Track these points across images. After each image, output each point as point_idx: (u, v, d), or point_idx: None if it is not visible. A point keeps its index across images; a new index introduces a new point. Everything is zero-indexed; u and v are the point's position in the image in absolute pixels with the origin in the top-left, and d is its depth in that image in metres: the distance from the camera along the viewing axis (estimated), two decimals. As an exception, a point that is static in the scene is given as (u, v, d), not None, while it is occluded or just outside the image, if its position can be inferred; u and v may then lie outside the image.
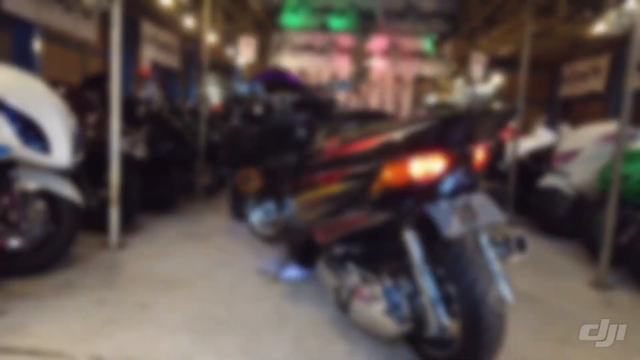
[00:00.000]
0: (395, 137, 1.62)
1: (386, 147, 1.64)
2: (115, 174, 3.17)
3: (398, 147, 1.63)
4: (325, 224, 1.95)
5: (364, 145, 1.70)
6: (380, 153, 1.67)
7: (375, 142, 1.66)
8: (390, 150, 1.65)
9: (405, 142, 1.61)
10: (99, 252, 3.05)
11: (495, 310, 1.61)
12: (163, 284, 2.57)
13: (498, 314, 1.62)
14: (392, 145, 1.63)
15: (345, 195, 1.79)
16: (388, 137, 1.63)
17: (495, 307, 1.62)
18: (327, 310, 2.35)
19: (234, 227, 4.01)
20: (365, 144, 1.69)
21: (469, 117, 1.55)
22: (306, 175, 2.08)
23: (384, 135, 1.65)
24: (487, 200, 1.69)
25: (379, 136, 1.66)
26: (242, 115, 2.96)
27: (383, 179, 1.67)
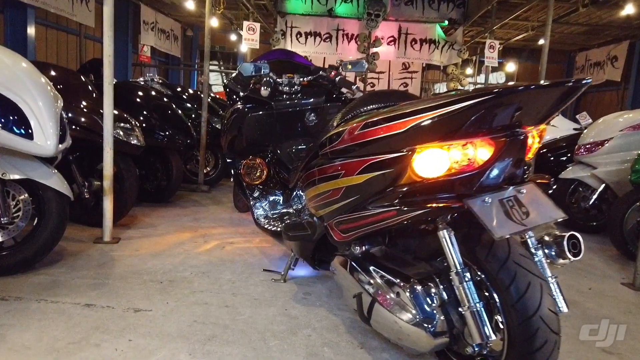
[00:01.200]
0: (430, 118, 1.35)
1: (419, 130, 1.37)
2: (108, 164, 2.91)
3: (434, 129, 1.36)
4: (343, 220, 1.69)
5: (391, 129, 1.43)
6: (411, 137, 1.40)
7: (406, 125, 1.40)
8: (424, 134, 1.38)
9: (443, 123, 1.34)
10: (90, 248, 2.80)
11: (550, 323, 1.35)
12: (158, 284, 2.32)
13: (553, 328, 1.36)
14: (426, 127, 1.36)
15: (368, 187, 1.52)
16: (421, 118, 1.37)
17: (550, 320, 1.36)
18: (342, 315, 2.10)
19: (238, 220, 3.75)
20: (393, 127, 1.42)
21: (524, 91, 1.28)
22: (320, 165, 1.81)
23: (417, 116, 1.38)
24: (540, 194, 1.42)
25: (410, 117, 1.39)
26: (247, 98, 2.68)
27: (415, 168, 1.40)
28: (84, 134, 3.15)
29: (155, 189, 4.16)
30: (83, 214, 3.28)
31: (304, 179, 2.02)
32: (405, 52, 8.81)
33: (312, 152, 2.01)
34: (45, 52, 7.12)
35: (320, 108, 2.78)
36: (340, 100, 2.86)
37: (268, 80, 2.49)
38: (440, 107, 1.34)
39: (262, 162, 2.80)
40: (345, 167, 1.61)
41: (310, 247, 2.11)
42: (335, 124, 1.82)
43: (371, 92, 2.02)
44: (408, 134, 1.39)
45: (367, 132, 1.49)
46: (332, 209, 1.74)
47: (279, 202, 2.79)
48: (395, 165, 1.43)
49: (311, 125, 2.82)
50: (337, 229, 1.74)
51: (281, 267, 2.66)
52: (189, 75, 12.96)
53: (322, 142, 1.81)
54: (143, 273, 2.46)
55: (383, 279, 1.62)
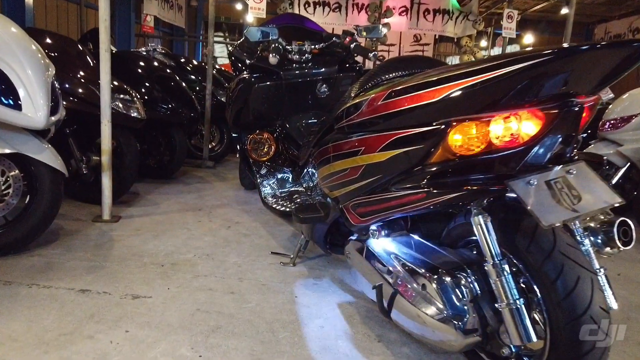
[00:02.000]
0: (469, 86, 1.15)
1: (456, 99, 1.18)
2: (106, 137, 2.73)
3: (473, 99, 1.16)
4: (362, 202, 1.50)
5: (422, 99, 1.23)
6: (446, 108, 1.20)
7: (440, 93, 1.20)
8: (461, 105, 1.18)
9: (485, 91, 1.14)
10: (88, 227, 2.65)
11: (600, 323, 1.18)
12: (159, 267, 2.17)
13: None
14: (464, 96, 1.17)
15: (393, 166, 1.33)
16: (459, 85, 1.17)
17: (600, 320, 1.18)
18: (356, 304, 1.94)
19: (244, 198, 3.59)
20: (424, 96, 1.23)
21: (588, 52, 1.07)
22: (335, 140, 1.62)
23: (453, 83, 1.18)
24: (592, 175, 1.23)
25: (444, 85, 1.19)
26: (254, 67, 2.48)
27: (449, 144, 1.21)
28: (81, 106, 2.97)
29: (158, 165, 3.99)
30: (82, 191, 3.12)
31: (316, 156, 1.83)
32: (417, 23, 8.45)
33: (325, 126, 1.82)
34: (44, 21, 6.87)
35: (333, 78, 2.58)
36: (355, 70, 2.65)
37: (277, 46, 2.27)
38: (482, 72, 1.13)
39: (269, 137, 2.61)
40: (366, 142, 1.41)
41: (323, 231, 1.94)
42: (353, 95, 1.62)
43: (393, 58, 1.80)
44: (442, 105, 1.19)
45: (391, 103, 1.29)
46: (348, 190, 1.56)
47: (288, 180, 2.62)
48: (426, 140, 1.23)
49: (323, 97, 2.62)
50: (354, 212, 1.56)
51: (290, 249, 2.50)
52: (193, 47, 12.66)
53: (338, 115, 1.61)
54: (143, 255, 2.30)
55: (406, 268, 1.45)
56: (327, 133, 1.77)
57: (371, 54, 2.33)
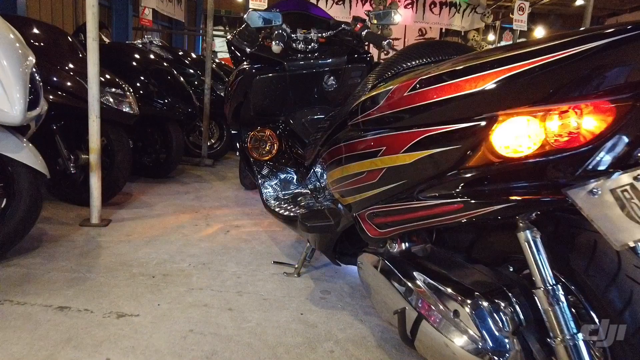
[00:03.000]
0: (521, 73, 0.93)
1: (503, 88, 0.95)
2: (94, 134, 2.52)
3: (525, 88, 0.94)
4: (381, 212, 1.29)
5: (459, 88, 1.01)
6: (490, 100, 0.98)
7: (483, 81, 0.97)
8: (509, 95, 0.96)
9: (540, 79, 0.92)
10: (75, 232, 2.43)
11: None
12: (150, 278, 1.95)
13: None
14: (514, 85, 0.94)
15: (421, 170, 1.11)
16: (508, 71, 0.94)
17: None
18: (369, 322, 1.72)
19: (244, 199, 3.37)
20: (462, 85, 1.00)
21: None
22: (349, 139, 1.40)
23: (500, 68, 0.95)
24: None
25: (489, 71, 0.97)
26: (254, 57, 2.25)
27: (492, 144, 0.99)
28: (69, 100, 2.75)
29: (154, 163, 3.77)
30: (70, 192, 2.91)
31: (325, 157, 1.61)
32: (423, 16, 8.21)
33: (336, 122, 1.60)
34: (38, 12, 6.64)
35: (342, 70, 2.35)
36: (365, 60, 2.42)
37: (280, 33, 2.05)
38: (536, 54, 0.91)
39: (272, 134, 2.39)
40: (387, 142, 1.19)
41: (332, 240, 1.72)
42: (370, 86, 1.40)
43: (415, 44, 1.58)
44: (484, 96, 0.97)
45: (420, 94, 1.07)
46: (365, 197, 1.34)
47: (292, 181, 2.40)
48: (463, 139, 1.01)
49: (330, 90, 2.40)
50: (372, 222, 1.34)
51: (294, 257, 2.29)
52: (193, 41, 12.42)
53: (352, 109, 1.38)
54: (133, 264, 2.09)
55: (433, 289, 1.23)
56: (339, 130, 1.55)
57: (385, 42, 2.10)
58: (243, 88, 2.29)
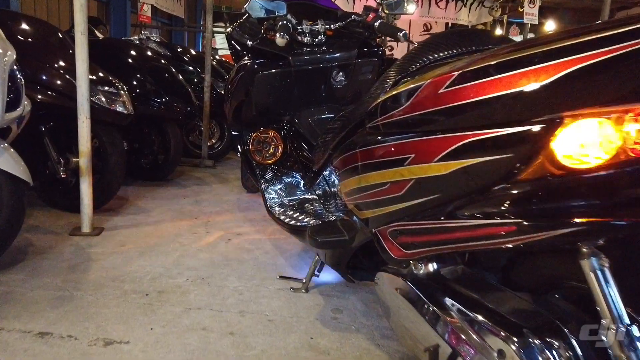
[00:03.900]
0: (594, 64, 0.73)
1: (569, 84, 0.76)
2: (84, 137, 2.33)
3: (599, 83, 0.75)
4: (408, 229, 1.10)
5: (511, 84, 0.81)
6: (552, 98, 0.78)
7: (543, 76, 0.78)
8: (577, 92, 0.77)
9: (619, 72, 0.73)
10: (63, 243, 2.25)
11: None
12: (143, 297, 1.77)
13: None
14: (584, 80, 0.75)
15: (460, 182, 0.92)
16: (576, 62, 0.75)
17: None
18: (388, 347, 1.53)
19: (247, 203, 3.18)
20: (515, 80, 0.81)
21: None
22: (367, 144, 1.20)
23: (565, 59, 0.76)
24: None
25: (551, 62, 0.77)
26: (257, 51, 2.06)
27: (554, 153, 0.79)
28: (59, 100, 2.58)
29: (151, 166, 3.58)
30: (60, 197, 2.73)
31: (339, 163, 1.42)
32: (429, 11, 8.01)
33: (349, 124, 1.40)
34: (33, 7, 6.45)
35: (351, 65, 2.16)
36: (377, 54, 2.22)
37: (285, 24, 1.85)
38: (616, 40, 0.72)
39: (276, 136, 2.20)
40: (416, 148, 1.00)
41: (345, 257, 1.53)
42: (391, 83, 1.21)
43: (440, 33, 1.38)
44: (547, 93, 0.77)
45: (462, 91, 0.88)
46: (387, 211, 1.15)
47: (299, 185, 2.21)
48: (516, 146, 0.82)
49: (339, 87, 2.20)
50: (395, 240, 1.15)
51: (301, 269, 2.10)
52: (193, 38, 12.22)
53: (371, 110, 1.19)
54: (125, 280, 1.90)
55: (468, 320, 1.04)
56: (353, 133, 1.36)
57: (400, 34, 1.91)
58: (244, 85, 2.10)
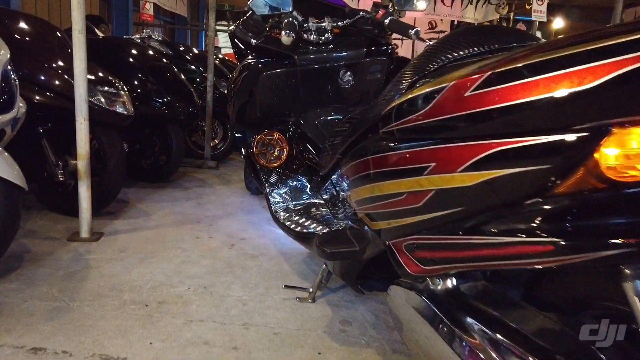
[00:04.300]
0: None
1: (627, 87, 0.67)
2: (83, 139, 2.25)
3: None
4: (427, 243, 1.01)
5: (551, 86, 0.72)
6: (599, 103, 0.69)
7: (591, 77, 0.68)
8: (628, 97, 0.68)
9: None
10: (61, 249, 2.17)
11: None
12: (142, 308, 1.69)
13: None
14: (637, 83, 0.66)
15: (488, 194, 0.83)
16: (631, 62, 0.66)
17: None
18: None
19: (250, 205, 3.10)
20: (557, 82, 0.71)
21: None
22: (381, 150, 1.11)
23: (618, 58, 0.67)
24: None
25: (600, 62, 0.68)
26: (261, 50, 1.97)
27: (598, 164, 0.70)
28: (57, 101, 2.50)
29: (152, 167, 3.51)
30: (59, 201, 2.65)
31: (349, 170, 1.33)
32: (434, 8, 7.88)
33: (360, 127, 1.32)
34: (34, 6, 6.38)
35: (360, 64, 2.07)
36: (386, 53, 2.14)
37: (291, 21, 1.77)
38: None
39: (281, 138, 2.11)
40: (438, 156, 0.91)
41: (355, 268, 1.45)
42: (406, 84, 1.12)
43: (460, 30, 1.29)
44: (593, 97, 0.69)
45: (492, 94, 0.79)
46: (403, 223, 1.06)
47: (305, 189, 2.12)
48: (555, 156, 0.73)
49: (346, 87, 2.12)
50: (412, 255, 1.06)
51: (307, 276, 2.02)
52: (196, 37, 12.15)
53: (385, 113, 1.10)
54: (124, 289, 1.82)
55: (493, 344, 0.95)
56: (364, 138, 1.27)
57: (412, 31, 1.82)
58: (248, 85, 2.02)
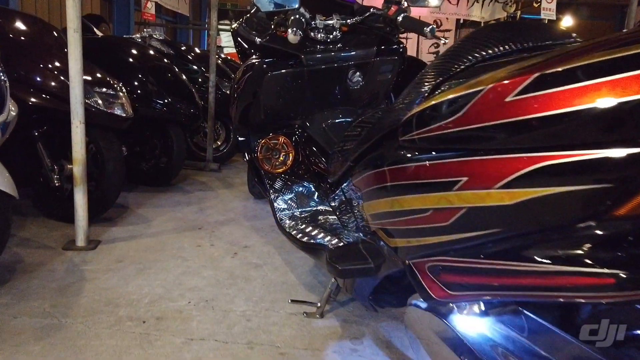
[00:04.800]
0: None
1: None
2: (78, 143, 2.15)
3: None
4: (454, 267, 0.90)
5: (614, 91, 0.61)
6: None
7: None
8: None
9: None
10: (56, 258, 2.07)
11: None
12: (139, 324, 1.58)
13: None
14: None
15: (532, 215, 0.72)
16: None
17: None
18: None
19: (254, 210, 2.99)
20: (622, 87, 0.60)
21: None
22: (400, 160, 1.00)
23: None
24: None
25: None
26: (265, 49, 1.87)
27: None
28: (53, 103, 2.39)
29: (153, 170, 3.40)
30: (55, 207, 2.55)
31: (364, 180, 1.21)
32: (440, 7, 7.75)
33: (375, 134, 1.20)
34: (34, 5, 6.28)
35: (370, 64, 1.96)
36: (397, 52, 2.03)
37: (298, 19, 1.65)
38: None
39: (286, 142, 2.00)
40: (471, 169, 0.80)
41: (369, 286, 1.33)
42: (428, 87, 1.01)
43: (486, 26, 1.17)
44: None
45: (540, 99, 0.67)
46: (427, 242, 0.95)
47: (311, 196, 2.01)
48: (617, 173, 0.62)
49: (355, 88, 2.01)
50: (437, 278, 0.95)
51: (314, 288, 1.92)
52: (198, 36, 12.04)
53: (406, 120, 0.99)
54: (120, 303, 1.72)
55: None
56: (380, 145, 1.16)
57: (427, 29, 1.71)
58: (252, 87, 1.91)
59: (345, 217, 1.79)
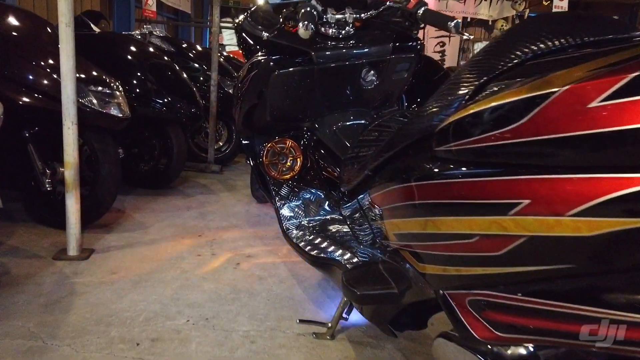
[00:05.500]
0: None
1: None
2: (71, 146, 2.00)
3: None
4: (507, 305, 0.75)
5: None
6: None
7: None
8: None
9: None
10: (45, 270, 1.92)
11: None
12: (133, 348, 1.44)
13: None
14: None
15: (616, 251, 0.57)
16: None
17: None
18: None
19: (257, 216, 2.84)
20: None
21: None
22: (435, 175, 0.85)
23: None
24: None
25: None
26: (273, 46, 1.71)
27: None
28: (45, 102, 2.24)
29: (152, 172, 3.25)
30: (47, 213, 2.41)
31: (386, 194, 1.06)
32: (447, 5, 7.61)
33: (399, 141, 1.05)
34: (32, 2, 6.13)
35: (385, 62, 1.81)
36: (413, 49, 1.87)
37: (310, 12, 1.50)
38: None
39: (294, 146, 1.86)
40: (536, 191, 0.65)
41: (390, 313, 1.18)
42: (467, 90, 0.86)
43: (534, 18, 1.01)
44: None
45: (637, 107, 0.53)
46: (470, 273, 0.80)
47: (322, 204, 1.86)
48: None
49: (369, 88, 1.86)
50: (481, 315, 0.80)
51: (323, 305, 1.77)
52: (200, 34, 11.88)
53: (444, 127, 0.84)
54: (113, 322, 1.57)
55: None
56: (406, 155, 1.01)
57: (452, 24, 1.55)
58: (257, 86, 1.76)
59: (358, 228, 1.64)
